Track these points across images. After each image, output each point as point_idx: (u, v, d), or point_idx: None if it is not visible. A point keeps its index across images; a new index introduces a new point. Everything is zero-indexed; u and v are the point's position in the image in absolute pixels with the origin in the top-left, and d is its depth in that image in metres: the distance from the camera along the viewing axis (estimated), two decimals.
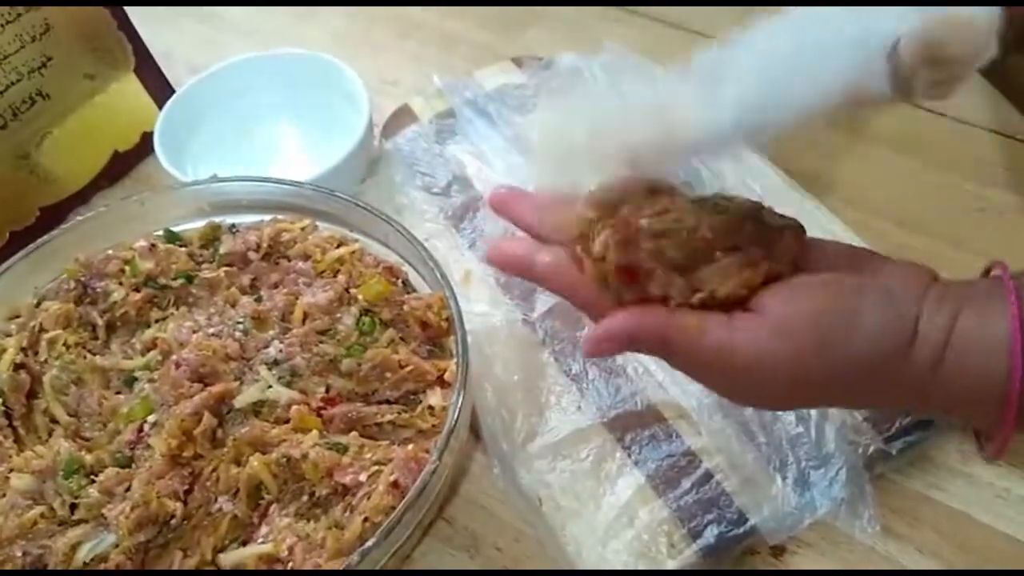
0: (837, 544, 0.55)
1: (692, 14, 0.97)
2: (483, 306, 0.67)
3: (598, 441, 0.59)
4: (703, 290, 0.39)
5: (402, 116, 0.85)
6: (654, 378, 0.62)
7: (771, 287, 0.39)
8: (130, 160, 0.87)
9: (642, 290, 0.39)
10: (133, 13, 0.83)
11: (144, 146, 0.86)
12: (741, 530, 0.54)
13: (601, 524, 0.56)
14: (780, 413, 0.58)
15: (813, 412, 0.58)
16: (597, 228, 0.40)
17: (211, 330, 0.58)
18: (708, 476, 0.56)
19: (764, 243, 0.40)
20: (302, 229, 0.65)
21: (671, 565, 0.53)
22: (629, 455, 0.58)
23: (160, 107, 0.83)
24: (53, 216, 0.81)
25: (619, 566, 0.54)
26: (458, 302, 0.56)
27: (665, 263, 0.39)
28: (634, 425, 0.59)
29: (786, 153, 0.75)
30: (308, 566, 0.48)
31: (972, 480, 0.57)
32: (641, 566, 0.54)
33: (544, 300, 0.67)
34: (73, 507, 0.51)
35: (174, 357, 0.56)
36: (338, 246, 0.64)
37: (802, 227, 0.42)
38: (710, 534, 0.54)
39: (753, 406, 0.55)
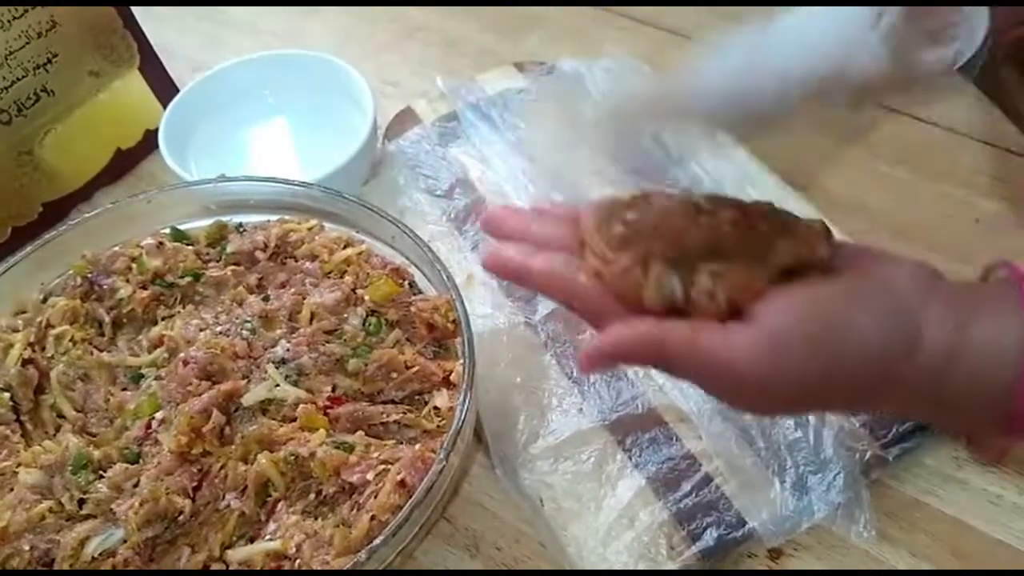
0: (833, 548, 0.56)
1: (692, 20, 0.97)
2: (485, 308, 0.68)
3: (599, 443, 0.60)
4: (699, 293, 0.38)
5: (405, 118, 0.86)
6: (655, 382, 0.63)
7: (767, 295, 0.38)
8: (133, 157, 0.87)
9: (639, 291, 0.39)
10: (136, 10, 0.84)
11: (147, 144, 0.87)
12: (740, 533, 0.55)
13: (602, 525, 0.56)
14: (779, 418, 0.59)
15: (811, 418, 0.59)
16: (595, 235, 0.40)
17: (218, 328, 0.59)
18: (708, 479, 0.57)
19: (782, 233, 0.39)
20: (309, 229, 0.65)
21: (671, 567, 0.54)
22: (630, 457, 0.59)
23: (164, 105, 0.83)
24: (55, 212, 0.81)
25: (619, 567, 0.55)
26: (464, 304, 0.57)
27: (662, 259, 0.39)
28: (635, 428, 0.60)
29: (784, 162, 0.76)
30: (316, 563, 0.48)
31: (966, 486, 0.58)
32: (641, 567, 0.54)
33: (546, 303, 0.68)
34: (81, 502, 0.52)
35: (182, 355, 0.56)
36: (345, 247, 0.64)
37: (827, 228, 0.41)
38: (709, 536, 0.55)
39: (752, 412, 0.56)
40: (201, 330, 0.59)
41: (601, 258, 0.40)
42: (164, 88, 0.87)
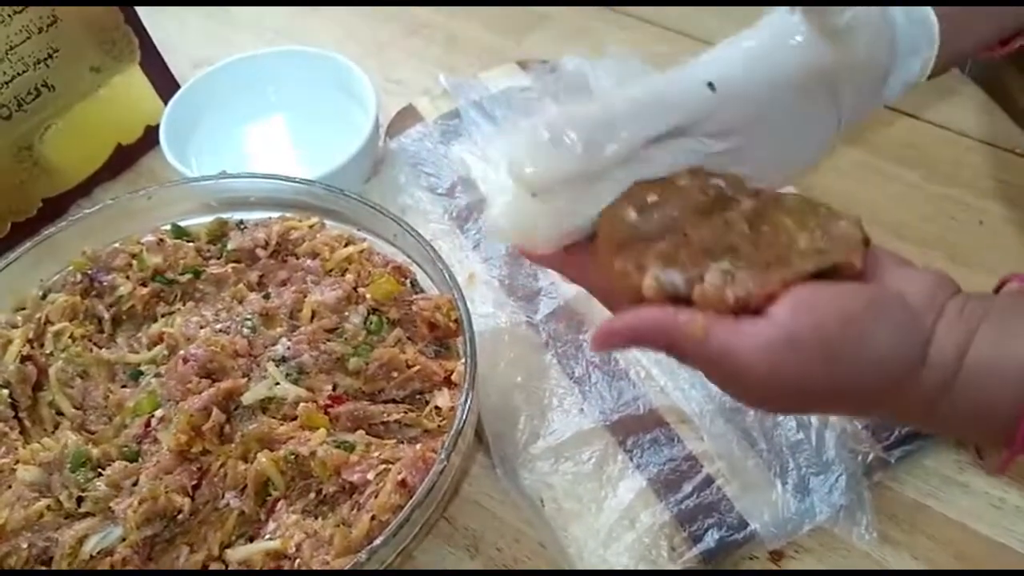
0: (835, 550, 0.56)
1: (695, 19, 0.97)
2: (487, 308, 0.68)
3: (600, 444, 0.60)
4: (707, 289, 0.37)
5: (407, 116, 0.85)
6: (656, 383, 0.62)
7: (783, 296, 0.38)
8: (133, 153, 0.87)
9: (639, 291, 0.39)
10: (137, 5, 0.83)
11: (147, 140, 0.86)
12: (741, 535, 0.55)
13: (602, 526, 0.56)
14: (781, 420, 0.59)
15: (814, 419, 0.59)
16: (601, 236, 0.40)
17: (218, 326, 0.59)
18: (709, 481, 0.57)
19: (812, 229, 0.39)
20: (310, 227, 0.65)
21: (671, 568, 0.54)
22: (631, 458, 0.59)
23: (164, 101, 0.83)
24: (55, 208, 0.81)
25: (620, 568, 0.54)
26: (466, 304, 0.57)
27: (662, 259, 0.38)
28: (636, 429, 0.60)
29: None
30: (315, 563, 0.48)
31: (968, 489, 0.58)
32: (642, 568, 0.54)
33: (547, 303, 0.67)
34: (80, 500, 0.52)
35: (182, 352, 0.56)
36: (346, 245, 0.64)
37: (865, 235, 0.39)
38: (710, 538, 0.55)
39: (756, 408, 0.56)
40: (201, 327, 0.59)
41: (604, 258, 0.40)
42: (165, 84, 0.87)
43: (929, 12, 0.47)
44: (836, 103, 0.46)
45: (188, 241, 0.65)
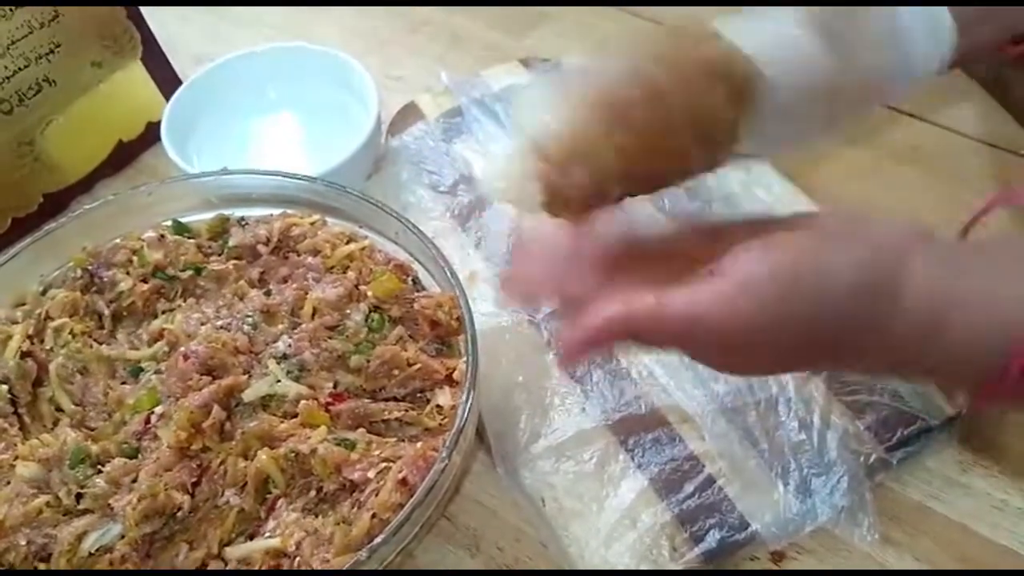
0: (836, 551, 0.56)
1: (697, 17, 0.97)
2: (488, 306, 0.67)
3: (601, 443, 0.60)
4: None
5: (409, 113, 0.85)
6: (658, 382, 0.62)
7: (733, 250, 0.37)
8: (134, 149, 0.87)
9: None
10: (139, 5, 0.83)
11: (149, 136, 0.86)
12: (742, 535, 0.55)
13: (604, 526, 0.56)
14: (783, 419, 0.59)
15: (815, 420, 0.59)
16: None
17: (219, 323, 0.59)
18: (711, 481, 0.57)
19: None
20: (312, 224, 0.65)
21: (673, 568, 0.54)
22: (632, 458, 0.59)
23: (166, 97, 0.83)
24: (56, 203, 0.81)
25: (621, 568, 0.54)
26: (468, 302, 0.57)
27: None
28: (637, 428, 0.60)
29: (792, 163, 0.76)
30: (316, 561, 0.48)
31: (970, 491, 0.58)
32: (643, 568, 0.54)
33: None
34: (79, 497, 0.51)
35: (182, 349, 0.56)
36: (348, 242, 0.64)
37: None
38: (712, 538, 0.55)
39: (737, 373, 0.54)
40: (202, 324, 0.59)
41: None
42: (167, 80, 0.86)
43: (945, 13, 0.46)
44: (833, 107, 0.45)
45: (189, 237, 0.65)
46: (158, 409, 0.54)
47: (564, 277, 0.43)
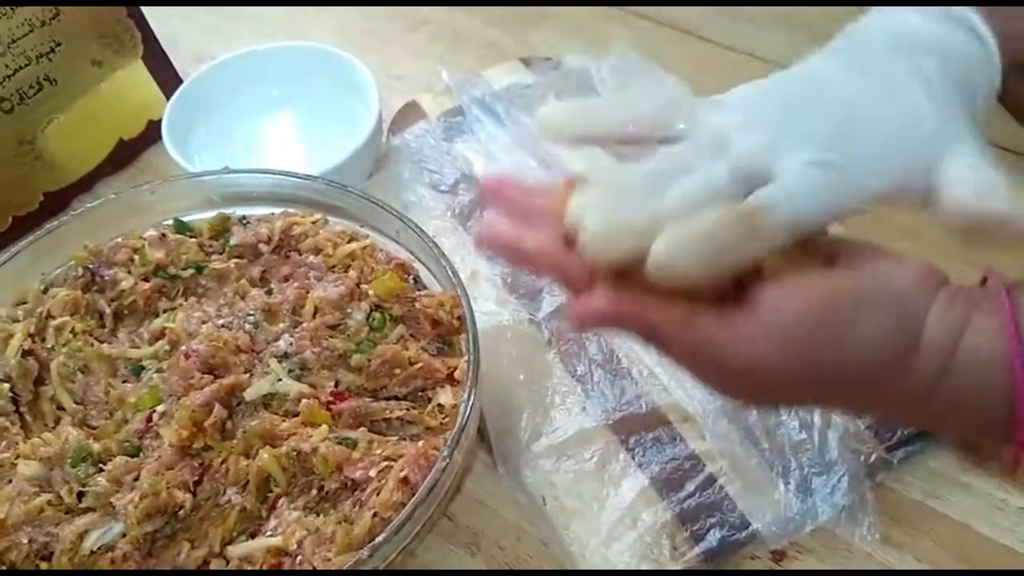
0: (836, 551, 0.56)
1: (698, 17, 0.97)
2: (489, 305, 0.67)
3: (602, 443, 0.60)
4: None
5: (410, 112, 0.85)
6: (659, 381, 0.62)
7: (767, 280, 0.37)
8: (135, 148, 0.86)
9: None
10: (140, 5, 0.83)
11: (149, 134, 0.86)
12: (743, 534, 0.55)
13: (604, 525, 0.56)
14: (784, 419, 0.59)
15: (817, 420, 0.59)
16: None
17: (221, 321, 0.59)
18: (711, 480, 0.57)
19: None
20: (313, 223, 0.65)
21: (673, 567, 0.54)
22: (633, 457, 0.59)
23: (167, 96, 0.83)
24: (56, 202, 0.81)
25: (621, 567, 0.54)
26: (469, 301, 0.57)
27: None
28: (638, 428, 0.60)
29: None
30: (317, 560, 0.48)
31: (971, 490, 0.58)
32: (643, 568, 0.54)
33: (550, 300, 0.67)
34: (80, 495, 0.51)
35: (184, 348, 0.56)
36: (349, 241, 0.64)
37: None
38: (712, 537, 0.55)
39: (738, 400, 0.52)
40: (203, 323, 0.59)
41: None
42: (168, 78, 0.86)
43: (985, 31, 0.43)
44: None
45: (190, 236, 0.65)
46: (160, 408, 0.54)
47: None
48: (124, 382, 0.58)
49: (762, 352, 0.36)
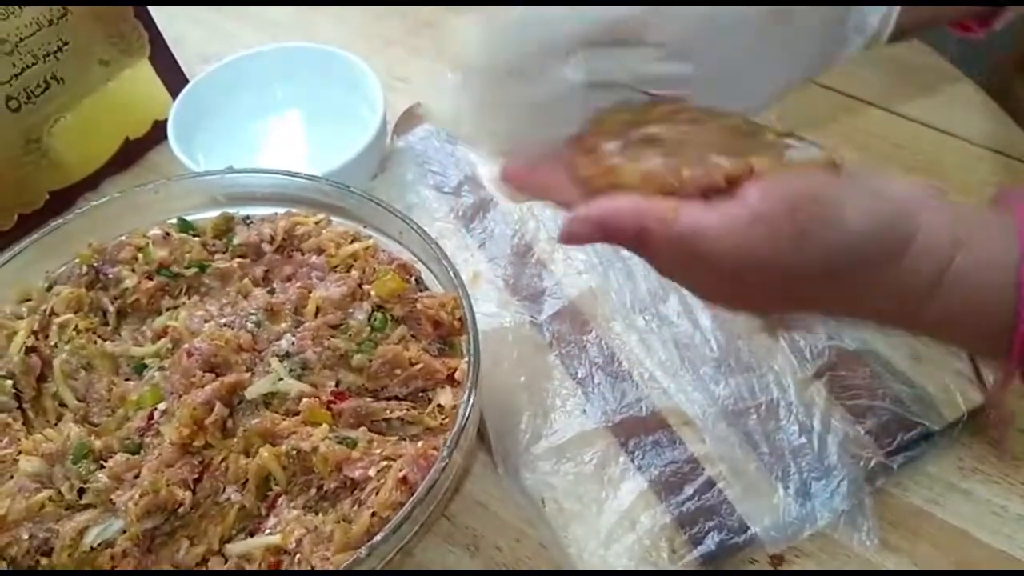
0: (835, 555, 0.56)
1: None
2: (491, 307, 0.68)
3: (602, 445, 0.60)
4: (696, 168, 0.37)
5: (414, 114, 0.85)
6: (660, 384, 0.62)
7: (758, 179, 0.37)
8: (141, 147, 0.87)
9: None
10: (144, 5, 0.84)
11: (155, 134, 0.87)
12: (742, 538, 0.55)
13: (603, 527, 0.56)
14: (783, 423, 0.59)
15: (816, 424, 0.59)
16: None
17: (223, 320, 0.59)
18: (710, 483, 0.57)
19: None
20: (316, 223, 0.65)
21: (672, 570, 0.54)
22: (632, 460, 0.59)
23: (173, 96, 0.83)
24: (62, 200, 0.81)
25: (620, 569, 0.54)
26: (471, 302, 0.57)
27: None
28: (638, 430, 0.60)
29: None
30: (316, 559, 0.48)
31: (970, 496, 0.58)
32: (642, 570, 0.54)
33: (551, 303, 0.68)
34: (81, 492, 0.52)
35: (186, 346, 0.56)
36: (352, 241, 0.64)
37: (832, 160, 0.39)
38: (711, 541, 0.55)
39: (732, 307, 0.52)
40: (206, 322, 0.59)
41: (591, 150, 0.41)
42: (174, 78, 0.87)
43: None
44: (794, 44, 0.44)
45: (194, 235, 0.65)
46: (161, 405, 0.54)
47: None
48: (126, 380, 0.59)
49: (748, 236, 0.36)
